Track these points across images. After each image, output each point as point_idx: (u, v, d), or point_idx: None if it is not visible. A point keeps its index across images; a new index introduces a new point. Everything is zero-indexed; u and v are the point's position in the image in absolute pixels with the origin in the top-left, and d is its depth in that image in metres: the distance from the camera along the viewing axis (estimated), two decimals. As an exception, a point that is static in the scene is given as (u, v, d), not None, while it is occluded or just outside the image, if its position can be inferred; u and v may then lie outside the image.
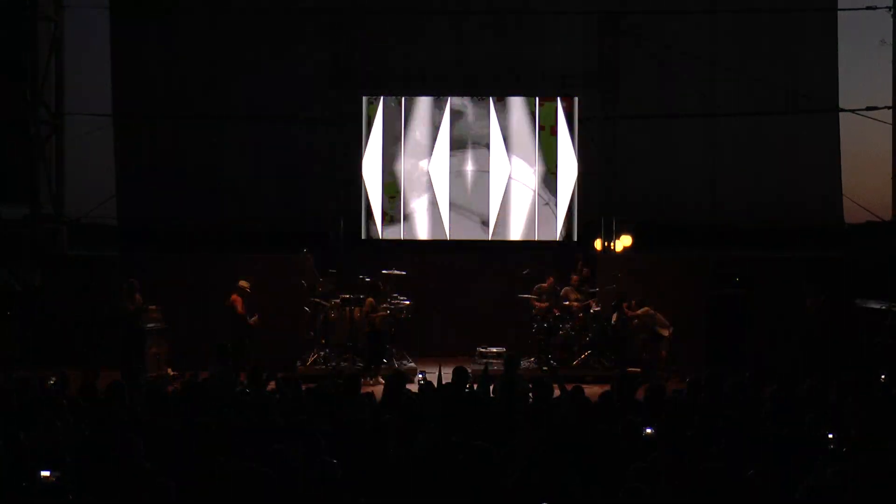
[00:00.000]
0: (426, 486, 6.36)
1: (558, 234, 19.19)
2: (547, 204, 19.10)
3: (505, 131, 19.10)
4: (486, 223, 19.17)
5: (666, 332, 15.80)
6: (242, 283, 15.39)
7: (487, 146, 19.11)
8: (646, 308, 15.86)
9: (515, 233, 19.18)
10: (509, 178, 19.12)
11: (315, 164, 19.91)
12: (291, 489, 6.22)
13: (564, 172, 19.10)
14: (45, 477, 5.86)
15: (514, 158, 19.08)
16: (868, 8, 19.66)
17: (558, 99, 19.09)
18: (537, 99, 19.20)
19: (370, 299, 15.60)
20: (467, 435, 7.37)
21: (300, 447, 6.80)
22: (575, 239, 18.96)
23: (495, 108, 19.16)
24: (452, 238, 19.23)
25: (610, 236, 19.00)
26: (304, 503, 6.23)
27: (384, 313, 15.74)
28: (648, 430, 7.16)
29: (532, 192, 19.07)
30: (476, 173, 19.10)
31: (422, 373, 14.99)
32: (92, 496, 6.25)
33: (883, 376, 11.14)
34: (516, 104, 19.24)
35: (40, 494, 5.86)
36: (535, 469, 6.37)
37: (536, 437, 7.23)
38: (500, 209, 19.11)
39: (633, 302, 15.93)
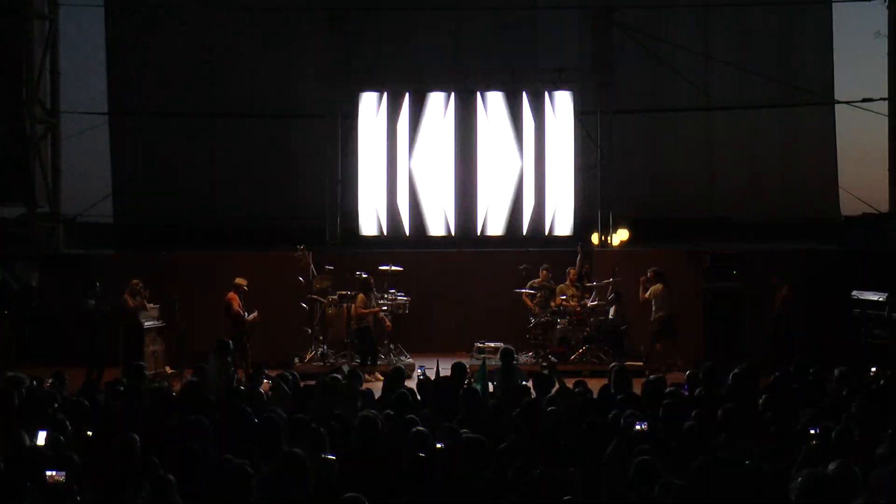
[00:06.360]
0: (424, 481, 6.36)
1: (555, 228, 19.17)
2: (543, 198, 19.09)
3: (502, 126, 19.08)
4: (483, 218, 19.15)
5: (652, 318, 15.74)
6: (239, 280, 15.38)
7: (484, 141, 19.09)
8: (660, 285, 15.68)
9: (512, 228, 19.17)
10: (505, 173, 19.10)
11: (311, 160, 19.90)
12: (291, 487, 6.22)
13: (561, 167, 19.09)
14: (51, 476, 5.86)
15: (511, 153, 19.07)
16: None
17: (555, 93, 19.08)
18: (533, 94, 19.19)
19: (361, 295, 15.60)
20: (465, 430, 7.38)
21: (301, 444, 6.80)
22: (571, 234, 18.95)
23: (492, 103, 19.14)
24: (449, 233, 19.21)
25: (607, 231, 18.99)
26: (304, 500, 6.23)
27: (376, 310, 15.72)
28: (638, 427, 7.17)
29: (528, 187, 19.06)
30: (472, 168, 19.08)
31: (421, 367, 15.04)
32: (95, 495, 6.25)
33: (873, 369, 11.14)
34: (513, 98, 19.22)
35: (46, 494, 5.86)
36: (532, 464, 6.37)
37: (534, 433, 7.24)
38: (497, 204, 19.10)
39: (653, 273, 15.75)
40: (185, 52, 20.50)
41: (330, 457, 6.65)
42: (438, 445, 7.02)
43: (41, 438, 7.23)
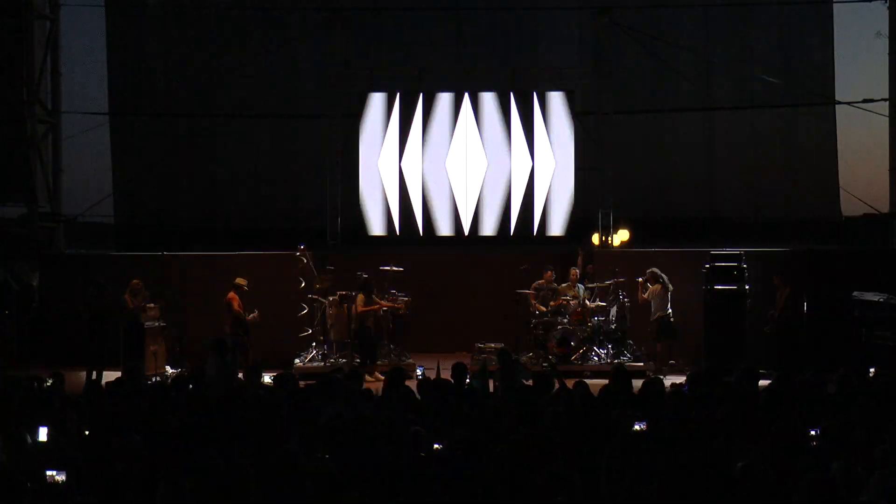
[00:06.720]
0: (424, 481, 6.36)
1: (555, 229, 19.17)
2: (544, 198, 19.09)
3: (501, 126, 19.08)
4: (482, 218, 19.14)
5: (652, 318, 15.74)
6: (239, 280, 15.38)
7: (483, 141, 19.09)
8: (658, 286, 15.65)
9: (513, 228, 19.16)
10: (506, 173, 19.10)
11: (311, 160, 19.91)
12: (289, 487, 6.22)
13: (561, 167, 19.08)
14: (51, 476, 5.88)
15: (511, 154, 19.06)
16: (864, 0, 19.68)
17: (555, 93, 19.08)
18: (534, 94, 19.19)
19: (361, 295, 15.61)
20: (465, 430, 7.38)
21: (299, 444, 6.80)
22: (572, 234, 18.94)
23: (492, 103, 19.13)
24: (450, 234, 19.20)
25: (607, 231, 18.99)
26: (302, 500, 6.23)
27: (376, 307, 15.72)
28: (637, 427, 7.18)
29: (529, 188, 19.05)
30: (473, 169, 19.08)
31: (420, 367, 15.08)
32: (96, 496, 6.25)
33: (872, 370, 11.13)
34: (513, 99, 19.22)
35: (46, 494, 5.87)
36: (532, 464, 6.37)
37: (533, 433, 7.23)
38: (497, 204, 19.10)
39: (650, 274, 15.74)
40: (186, 52, 20.52)
41: (326, 457, 6.65)
42: (437, 446, 7.02)
43: (42, 437, 7.24)
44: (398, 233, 19.07)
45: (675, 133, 20.83)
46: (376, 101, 19.09)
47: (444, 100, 19.03)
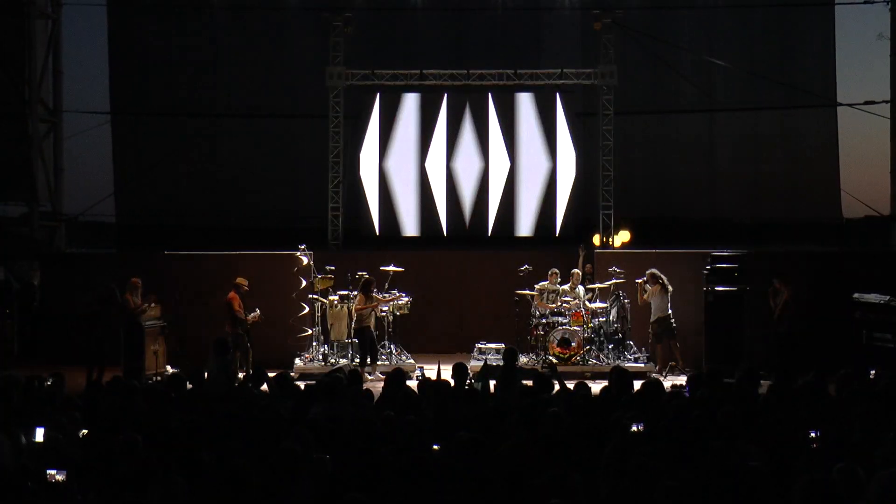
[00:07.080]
0: (424, 481, 6.36)
1: (557, 229, 19.18)
2: (545, 199, 19.10)
3: (503, 127, 19.09)
4: (484, 219, 19.15)
5: (651, 320, 15.72)
6: (239, 280, 15.37)
7: (485, 142, 19.10)
8: (657, 287, 15.65)
9: (514, 228, 19.17)
10: (507, 173, 19.12)
11: (312, 160, 19.93)
12: (289, 486, 6.22)
13: (563, 168, 19.10)
14: (52, 475, 5.88)
15: (512, 154, 19.08)
16: (865, 2, 19.68)
17: (557, 94, 19.09)
18: (535, 94, 19.20)
19: (361, 295, 15.60)
20: (465, 430, 7.38)
21: (299, 444, 6.80)
22: (573, 234, 18.95)
23: (493, 104, 19.14)
24: (450, 234, 19.21)
25: (608, 231, 18.99)
26: (301, 500, 6.23)
27: (374, 304, 15.71)
28: (635, 428, 7.18)
29: (530, 188, 19.06)
30: (474, 169, 19.09)
31: (419, 368, 15.07)
32: (96, 495, 6.25)
33: (873, 371, 11.11)
34: (514, 100, 19.22)
35: (46, 493, 5.87)
36: (532, 465, 6.37)
37: (534, 434, 7.23)
38: (498, 205, 19.11)
39: (649, 276, 15.74)
40: (188, 52, 20.54)
41: (325, 457, 6.65)
42: (436, 447, 7.02)
43: (39, 436, 7.23)
44: (398, 233, 19.12)
45: (676, 134, 20.84)
46: (376, 101, 19.09)
47: (445, 100, 19.03)
